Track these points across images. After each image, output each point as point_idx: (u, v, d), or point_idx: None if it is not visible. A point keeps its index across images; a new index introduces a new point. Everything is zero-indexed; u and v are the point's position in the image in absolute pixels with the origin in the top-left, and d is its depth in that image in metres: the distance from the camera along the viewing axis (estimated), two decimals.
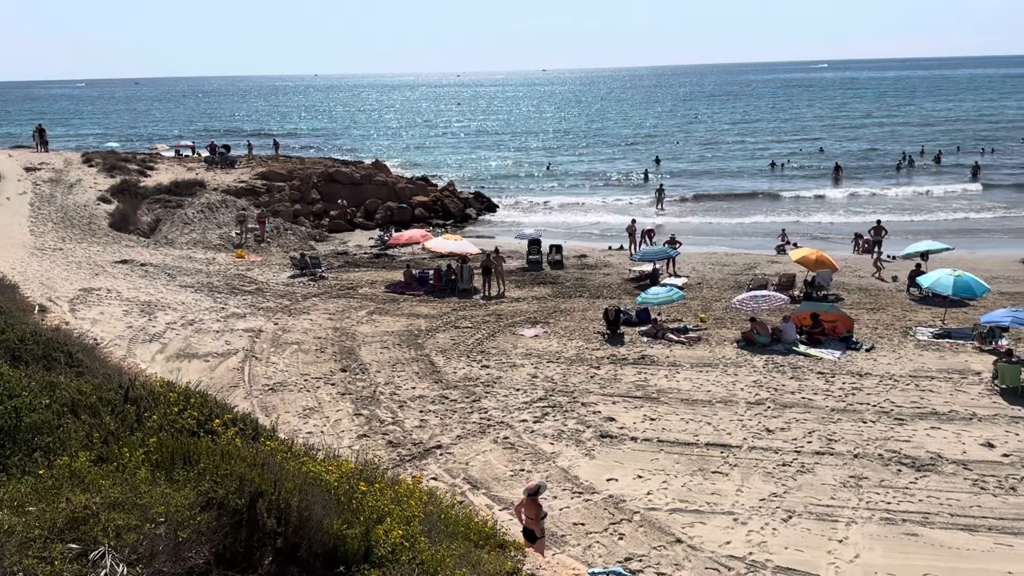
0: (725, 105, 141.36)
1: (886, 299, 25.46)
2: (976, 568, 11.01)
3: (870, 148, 72.54)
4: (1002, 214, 42.53)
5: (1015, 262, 29.90)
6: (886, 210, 42.86)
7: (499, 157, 76.41)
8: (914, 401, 16.92)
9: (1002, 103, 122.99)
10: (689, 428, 15.85)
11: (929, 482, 13.44)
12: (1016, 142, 73.21)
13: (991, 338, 20.34)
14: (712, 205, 48.50)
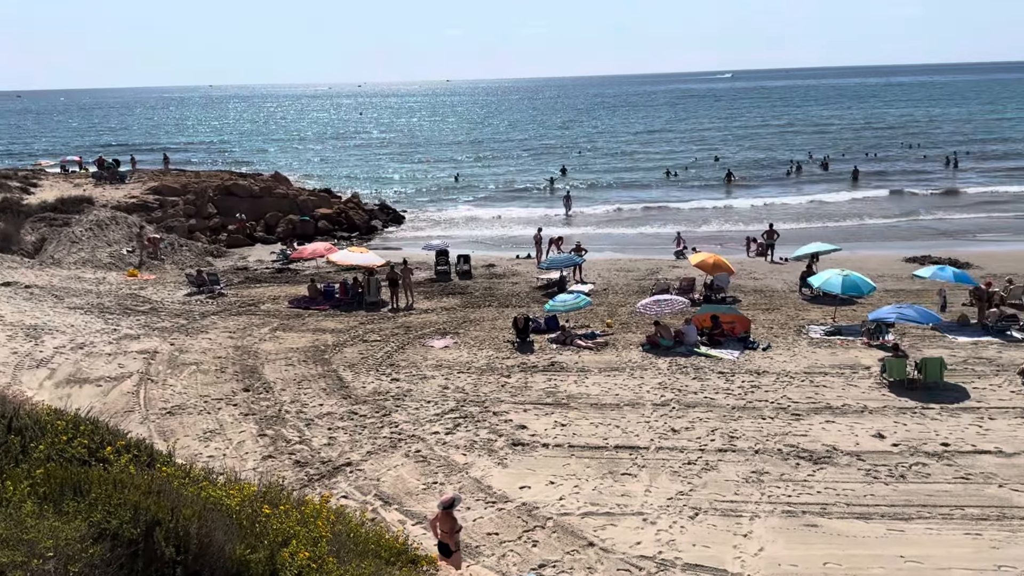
0: (627, 116, 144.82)
1: (780, 299, 26.54)
2: (871, 554, 11.55)
3: (763, 155, 75.67)
4: (882, 216, 45.01)
5: (898, 261, 31.68)
6: (781, 216, 44.74)
7: (405, 168, 75.94)
8: (809, 396, 17.67)
9: (885, 111, 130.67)
10: (599, 432, 16.07)
11: (826, 474, 14.04)
12: (898, 148, 77.83)
13: (878, 334, 21.46)
14: (616, 212, 49.49)
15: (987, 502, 12.90)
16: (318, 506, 8.14)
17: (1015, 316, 22.70)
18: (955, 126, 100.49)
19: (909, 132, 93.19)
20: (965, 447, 14.93)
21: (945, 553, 11.49)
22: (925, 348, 20.62)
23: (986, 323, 22.38)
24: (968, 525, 12.22)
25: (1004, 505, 12.78)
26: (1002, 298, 24.06)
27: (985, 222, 42.32)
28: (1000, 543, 11.71)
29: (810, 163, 67.54)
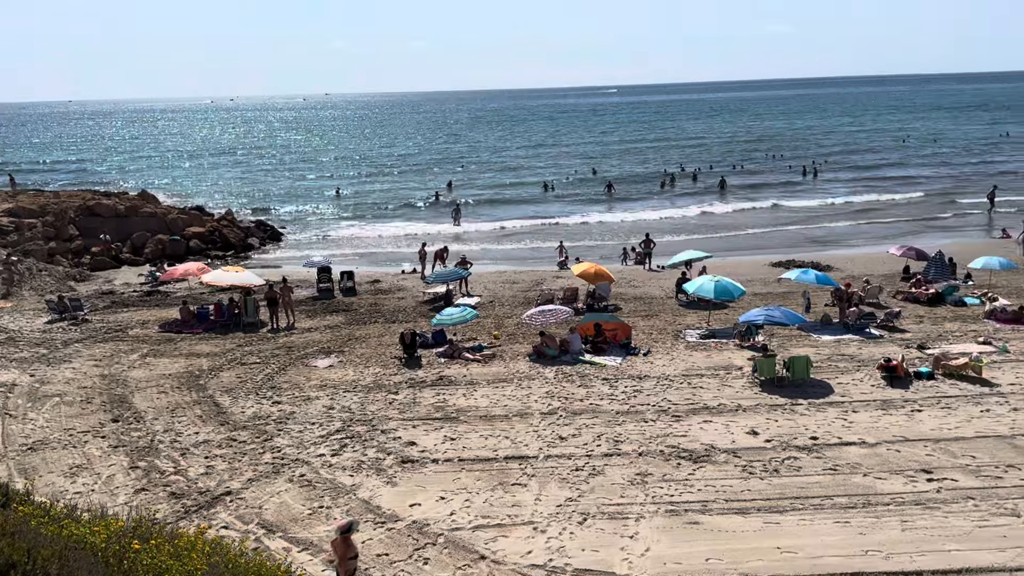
0: (511, 129, 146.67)
1: (658, 306, 27.42)
2: (750, 547, 12.03)
3: (640, 168, 78.30)
4: (751, 224, 47.37)
5: (765, 266, 33.37)
6: (658, 227, 46.31)
7: (283, 183, 73.99)
8: (688, 398, 18.31)
9: (752, 124, 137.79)
10: (488, 444, 16.08)
11: (705, 472, 14.55)
12: (763, 159, 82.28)
13: (749, 335, 22.50)
14: (500, 226, 49.89)
15: (854, 491, 13.69)
16: (193, 538, 7.75)
17: (872, 314, 24.30)
18: (817, 137, 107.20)
19: (774, 144, 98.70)
20: (832, 440, 15.82)
21: (817, 542, 12.10)
22: (792, 347, 21.77)
23: (847, 322, 23.85)
24: (837, 514, 12.93)
25: (869, 493, 13.59)
26: (860, 298, 25.72)
27: (843, 228, 45.23)
28: (867, 529, 12.44)
29: (683, 173, 70.40)
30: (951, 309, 25.56)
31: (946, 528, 12.34)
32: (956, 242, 37.58)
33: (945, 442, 15.50)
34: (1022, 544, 11.79)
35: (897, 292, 27.46)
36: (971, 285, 28.15)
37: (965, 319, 24.38)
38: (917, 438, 15.72)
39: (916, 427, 16.28)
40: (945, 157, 79.62)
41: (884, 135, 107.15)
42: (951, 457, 14.83)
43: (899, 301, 26.55)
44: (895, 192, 58.07)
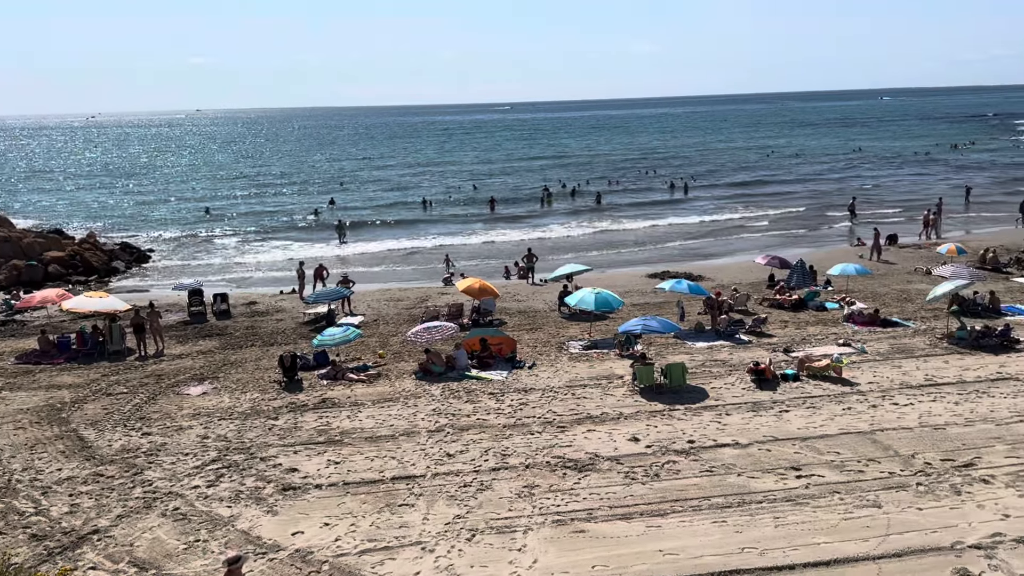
0: (393, 147, 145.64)
1: (542, 319, 27.82)
2: (634, 552, 12.33)
3: (521, 183, 79.43)
4: (627, 236, 48.87)
5: (642, 277, 34.45)
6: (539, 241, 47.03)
7: (150, 204, 70.59)
8: (572, 408, 18.63)
9: (624, 140, 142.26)
10: (374, 465, 15.81)
11: (590, 480, 14.83)
12: (639, 175, 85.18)
13: (628, 345, 23.14)
14: (383, 243, 49.36)
15: (729, 491, 14.27)
16: None
17: (741, 321, 25.48)
18: (690, 153, 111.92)
19: (648, 160, 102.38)
20: (708, 442, 16.46)
21: (697, 542, 12.54)
22: (669, 355, 22.54)
23: (718, 328, 24.92)
24: (715, 514, 13.44)
25: (743, 492, 14.20)
26: (730, 305, 26.94)
27: (713, 239, 47.32)
28: (742, 527, 12.99)
29: (562, 192, 71.95)
30: (813, 314, 27.14)
31: (815, 522, 13.04)
32: (816, 251, 40.01)
33: (811, 440, 16.40)
34: (883, 533, 12.59)
35: (763, 299, 28.94)
36: (830, 291, 30.00)
37: (826, 323, 25.93)
38: (786, 437, 16.57)
39: (784, 427, 17.17)
40: (808, 170, 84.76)
41: (750, 151, 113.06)
42: (817, 454, 15.70)
43: (765, 307, 28.00)
44: (761, 204, 61.33)
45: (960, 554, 11.88)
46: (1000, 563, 11.57)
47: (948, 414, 17.48)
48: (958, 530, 12.54)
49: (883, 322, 25.24)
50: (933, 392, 18.95)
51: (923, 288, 28.83)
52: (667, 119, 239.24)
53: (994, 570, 11.41)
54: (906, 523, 12.85)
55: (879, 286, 30.72)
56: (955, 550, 12.00)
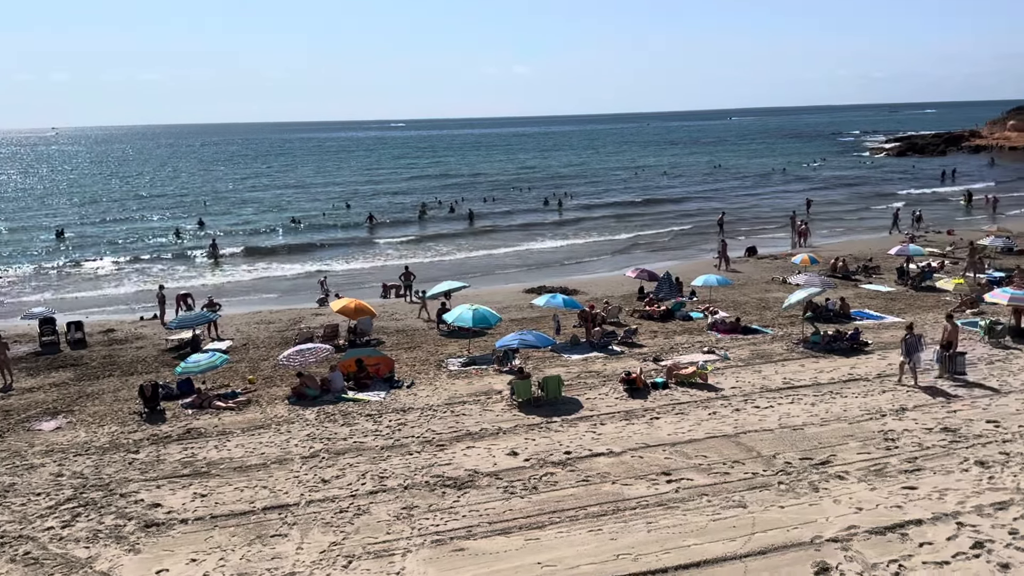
0: (268, 164, 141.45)
1: (421, 337, 27.64)
2: (512, 567, 12.36)
3: (400, 200, 79.03)
4: (504, 252, 49.41)
5: (519, 292, 34.86)
6: (413, 257, 46.78)
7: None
8: (451, 426, 18.55)
9: (497, 157, 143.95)
10: (244, 496, 15.19)
11: (470, 497, 14.79)
12: (513, 191, 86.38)
13: (506, 359, 23.31)
14: (255, 263, 47.78)
15: (604, 499, 14.56)
16: None
17: (614, 332, 26.18)
18: (564, 171, 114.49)
19: (525, 177, 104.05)
20: (583, 453, 16.75)
21: (574, 552, 12.71)
22: (546, 368, 22.86)
23: (592, 341, 25.49)
24: (591, 523, 13.67)
25: (618, 499, 14.53)
26: (603, 318, 27.64)
27: (586, 254, 48.54)
28: (617, 534, 13.27)
29: (440, 206, 72.06)
30: (680, 323, 28.23)
31: (685, 525, 13.49)
32: (681, 263, 41.72)
33: (680, 445, 16.99)
34: (748, 532, 13.16)
35: (634, 311, 29.86)
36: (695, 301, 31.30)
37: (692, 331, 27.02)
38: (657, 443, 17.10)
39: (655, 433, 17.72)
40: (676, 187, 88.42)
41: (621, 169, 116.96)
42: (686, 458, 16.28)
43: (636, 319, 28.90)
44: (632, 219, 63.48)
45: (819, 548, 12.56)
46: (855, 554, 12.31)
47: (805, 415, 18.52)
48: (817, 525, 13.27)
49: (744, 329, 26.55)
50: (791, 394, 20.05)
51: (779, 296, 30.52)
52: (543, 138, 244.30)
53: (850, 561, 12.12)
54: (769, 521, 13.49)
55: (739, 295, 32.31)
56: (814, 544, 12.68)
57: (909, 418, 18.06)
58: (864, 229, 53.38)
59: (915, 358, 20.32)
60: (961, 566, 11.81)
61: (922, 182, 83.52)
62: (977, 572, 11.61)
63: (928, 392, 19.78)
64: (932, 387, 20.14)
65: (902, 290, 32.43)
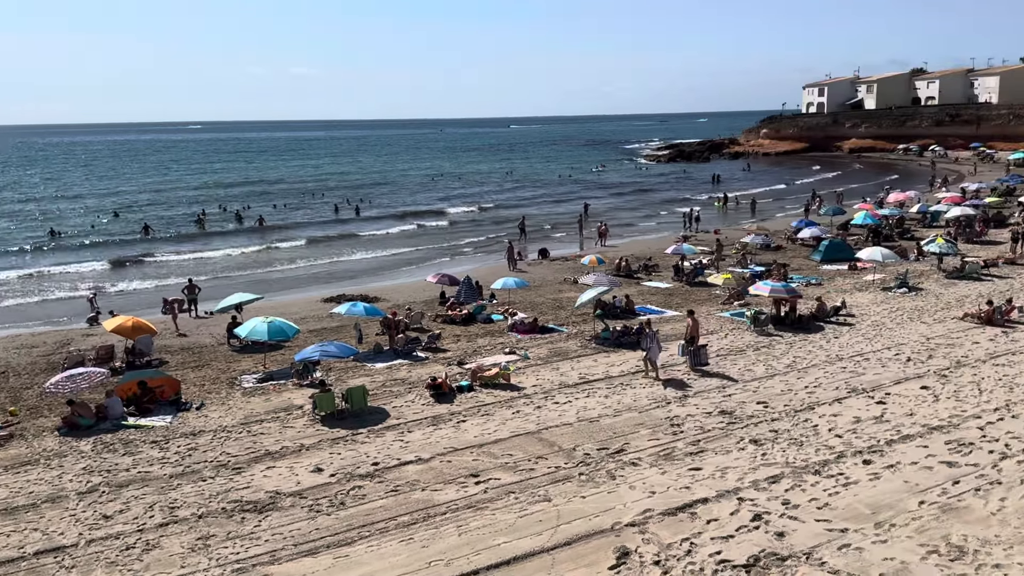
0: (22, 173, 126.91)
1: (209, 355, 26.00)
2: None
3: (182, 208, 74.12)
4: (299, 262, 47.80)
5: (317, 302, 33.81)
6: (204, 269, 44.02)
7: None
8: (248, 447, 17.59)
9: (288, 163, 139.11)
10: (12, 542, 13.50)
11: (272, 520, 14.08)
12: (304, 197, 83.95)
13: (307, 373, 22.50)
14: (8, 278, 42.77)
15: (414, 507, 14.44)
16: None
17: (418, 338, 26.11)
18: (358, 176, 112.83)
19: (318, 183, 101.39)
20: (392, 462, 16.52)
21: (386, 564, 12.48)
22: (349, 379, 22.33)
23: (396, 348, 25.25)
24: (401, 533, 13.49)
25: (427, 506, 14.46)
26: (406, 324, 27.47)
27: (385, 259, 48.12)
28: (428, 541, 13.19)
29: (224, 213, 68.50)
30: (482, 326, 28.69)
31: (495, 524, 13.68)
32: (480, 267, 42.48)
33: (487, 445, 17.24)
34: (554, 525, 13.58)
35: (437, 316, 29.96)
36: (495, 303, 31.96)
37: (493, 334, 27.55)
38: (464, 446, 17.23)
39: (462, 436, 17.85)
40: (473, 192, 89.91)
41: (417, 173, 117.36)
42: (493, 458, 16.54)
43: (439, 324, 29.00)
44: (431, 224, 63.81)
45: (619, 533, 13.21)
46: (652, 536, 13.07)
47: (600, 407, 19.46)
48: (616, 512, 13.95)
49: (542, 329, 27.49)
50: (587, 389, 20.99)
51: (572, 296, 31.89)
52: (333, 143, 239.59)
53: (647, 543, 12.85)
54: (573, 512, 14.00)
55: (536, 296, 33.42)
56: (615, 530, 13.32)
57: (691, 404, 19.52)
58: (645, 230, 57.20)
59: (651, 351, 21.60)
60: (744, 538, 12.89)
61: (697, 185, 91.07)
62: (757, 542, 12.73)
63: (707, 377, 21.48)
64: (716, 373, 21.88)
65: (678, 286, 35.02)
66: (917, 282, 32.99)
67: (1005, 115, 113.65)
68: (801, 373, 21.70)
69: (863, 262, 36.39)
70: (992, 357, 22.45)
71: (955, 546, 12.32)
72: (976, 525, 12.94)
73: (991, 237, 44.11)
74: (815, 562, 12.05)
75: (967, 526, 12.92)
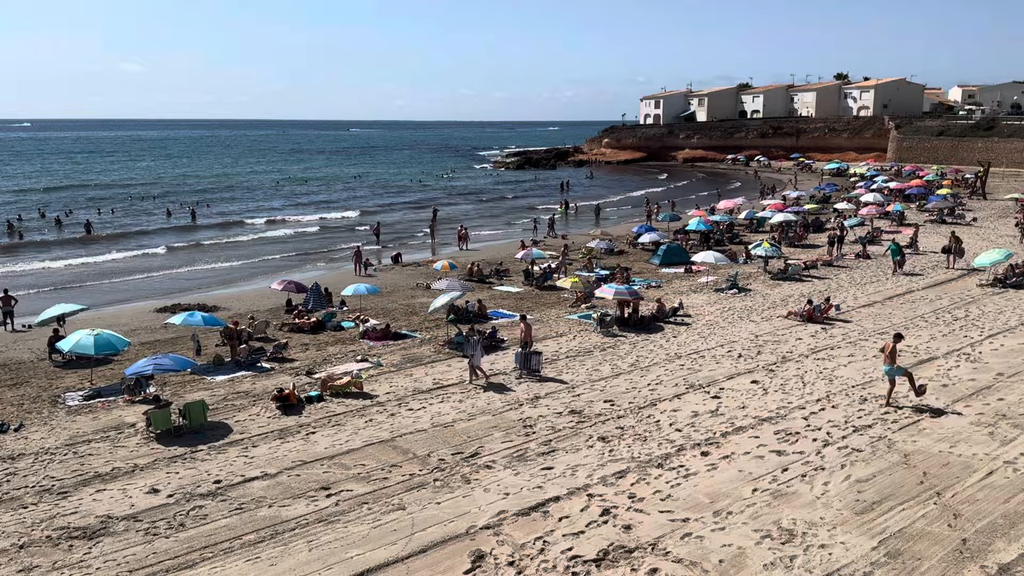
0: None
1: (28, 371, 23.85)
2: None
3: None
4: (127, 268, 44.80)
5: (150, 312, 31.81)
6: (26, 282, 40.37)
7: None
8: (75, 470, 16.26)
9: (124, 165, 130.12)
10: None
11: (104, 547, 13.07)
12: (135, 201, 78.86)
13: (139, 388, 21.09)
14: None
15: (260, 525, 13.83)
16: None
17: (262, 348, 25.11)
18: (192, 180, 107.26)
19: (152, 185, 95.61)
20: (236, 479, 15.76)
21: None
22: (187, 393, 21.14)
23: (239, 359, 24.16)
24: (247, 552, 12.89)
25: (275, 523, 13.89)
26: (249, 334, 26.36)
27: (225, 267, 45.97)
28: (276, 559, 12.67)
29: (43, 221, 63.25)
30: (331, 334, 27.98)
31: (347, 537, 13.35)
32: (329, 273, 41.48)
33: (339, 456, 16.81)
34: (409, 533, 13.42)
35: (283, 324, 28.95)
36: (346, 310, 31.28)
37: (344, 341, 26.94)
38: (314, 459, 16.71)
39: (312, 448, 17.32)
40: (321, 197, 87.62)
41: (263, 177, 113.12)
42: (345, 470, 16.14)
43: (286, 332, 28.04)
44: (276, 229, 61.62)
45: (474, 537, 13.24)
46: (506, 537, 13.19)
47: (454, 412, 19.46)
48: (471, 516, 13.98)
49: (394, 335, 27.18)
50: (441, 394, 20.95)
51: (424, 301, 31.76)
52: (173, 143, 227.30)
53: (501, 545, 12.95)
54: (428, 519, 13.90)
55: (388, 303, 33.02)
56: (469, 534, 13.34)
57: (543, 405, 19.91)
58: (495, 236, 57.86)
59: (474, 357, 21.75)
60: (594, 533, 13.27)
61: (547, 191, 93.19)
62: (606, 536, 13.14)
63: (556, 379, 21.98)
64: (559, 376, 22.41)
65: (529, 290, 35.69)
66: (746, 283, 35.28)
67: (821, 128, 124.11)
68: (644, 371, 22.64)
69: (698, 265, 38.55)
70: (813, 352, 24.34)
71: (785, 529, 13.23)
72: (803, 509, 13.96)
73: (810, 241, 47.89)
74: (660, 552, 12.58)
75: (795, 510, 13.92)
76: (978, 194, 70.38)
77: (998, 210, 60.61)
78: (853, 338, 25.87)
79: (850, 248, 43.45)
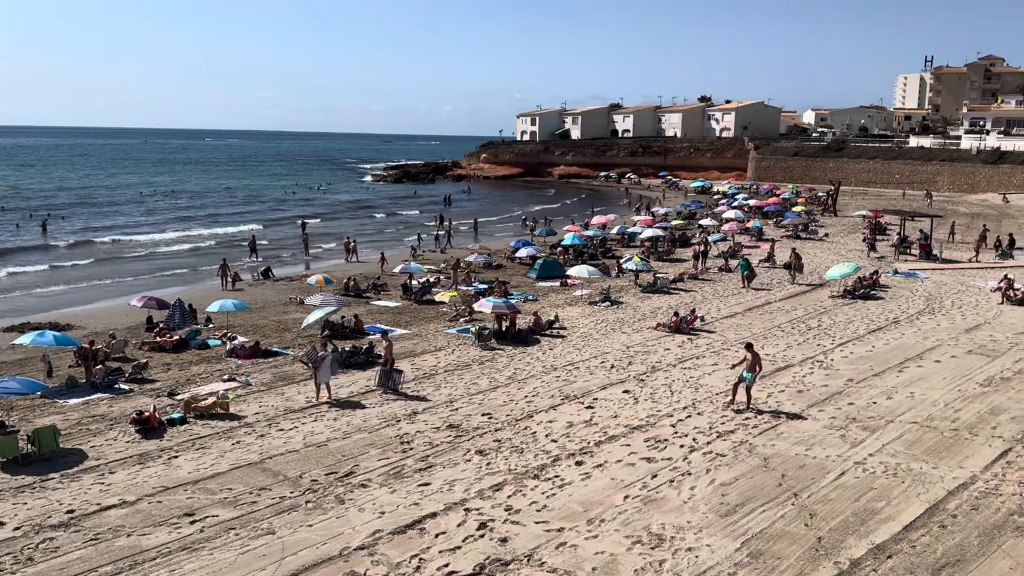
0: None
1: None
2: None
3: None
4: None
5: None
6: None
7: None
8: None
9: None
10: None
11: None
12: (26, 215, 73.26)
13: None
14: None
15: (118, 555, 13.02)
16: None
17: (120, 369, 23.73)
18: (45, 191, 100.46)
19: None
20: (91, 508, 14.79)
21: None
22: (36, 418, 19.68)
23: (94, 380, 22.72)
24: None
25: (134, 553, 13.11)
26: (106, 354, 24.86)
27: (79, 284, 43.22)
28: None
29: None
30: (196, 353, 26.74)
31: (212, 564, 12.76)
32: (193, 289, 39.74)
33: (204, 481, 16.06)
34: (279, 558, 12.97)
35: (143, 343, 27.45)
36: (211, 327, 30.02)
37: (210, 360, 25.81)
38: (176, 484, 15.90)
39: (175, 473, 16.47)
40: (186, 209, 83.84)
41: (124, 188, 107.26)
42: (210, 495, 15.43)
43: (146, 352, 26.58)
44: (134, 243, 58.46)
45: (348, 558, 12.95)
46: (381, 557, 12.97)
47: (329, 431, 19.00)
48: (345, 536, 13.67)
49: (265, 353, 26.29)
50: (314, 412, 20.40)
51: (298, 317, 30.90)
52: (23, 152, 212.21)
53: (376, 564, 12.73)
54: (299, 542, 13.49)
55: (259, 319, 31.93)
56: (343, 556, 13.03)
57: (420, 420, 19.75)
58: (374, 250, 57.08)
59: (319, 372, 21.22)
60: (471, 547, 13.26)
61: (426, 205, 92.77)
62: (483, 550, 13.15)
63: (434, 394, 21.87)
64: (423, 392, 22.31)
65: (407, 304, 35.39)
66: (618, 296, 36.34)
67: (686, 148, 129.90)
68: (521, 384, 22.88)
69: (573, 279, 39.40)
70: (680, 362, 25.33)
71: (655, 535, 13.65)
72: (671, 514, 14.46)
73: (677, 255, 49.90)
74: (535, 563, 12.70)
75: (664, 515, 14.40)
76: (830, 211, 75.41)
77: (848, 226, 65.14)
78: (717, 347, 27.10)
79: (714, 262, 45.55)
